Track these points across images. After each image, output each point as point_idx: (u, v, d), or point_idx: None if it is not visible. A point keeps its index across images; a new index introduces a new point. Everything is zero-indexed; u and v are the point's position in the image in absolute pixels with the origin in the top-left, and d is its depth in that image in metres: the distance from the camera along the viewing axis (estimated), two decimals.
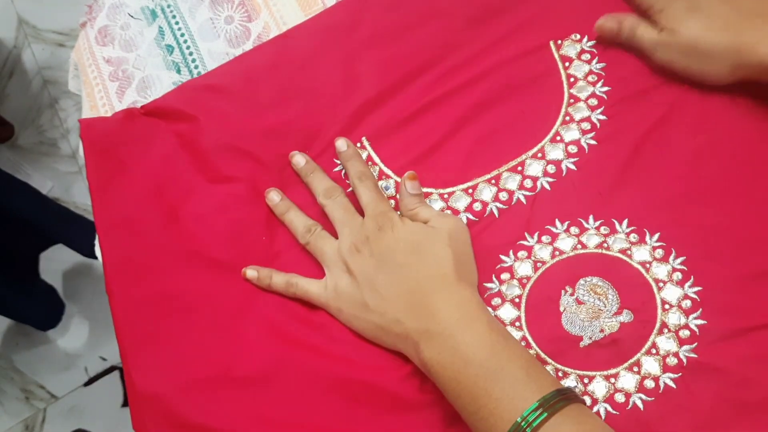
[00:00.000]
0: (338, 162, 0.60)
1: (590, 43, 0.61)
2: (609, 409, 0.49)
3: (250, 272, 0.56)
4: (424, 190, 0.58)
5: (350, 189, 0.58)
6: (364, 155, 0.60)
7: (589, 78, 0.60)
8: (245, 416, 0.52)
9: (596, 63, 0.60)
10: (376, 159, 0.60)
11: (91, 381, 1.58)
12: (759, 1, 0.53)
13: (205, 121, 0.62)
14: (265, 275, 0.56)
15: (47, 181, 1.73)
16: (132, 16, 0.72)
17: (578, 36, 0.61)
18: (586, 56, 0.61)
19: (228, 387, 0.53)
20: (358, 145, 0.60)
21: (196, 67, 0.68)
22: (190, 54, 0.69)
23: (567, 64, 0.61)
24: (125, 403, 1.53)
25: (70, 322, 1.62)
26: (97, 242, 0.62)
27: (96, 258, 0.63)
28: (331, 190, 0.57)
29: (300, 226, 0.57)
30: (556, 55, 0.61)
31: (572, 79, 0.60)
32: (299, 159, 0.60)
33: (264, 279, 0.56)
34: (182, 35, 0.70)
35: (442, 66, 0.62)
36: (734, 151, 0.55)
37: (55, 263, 1.61)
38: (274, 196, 0.59)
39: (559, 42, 0.62)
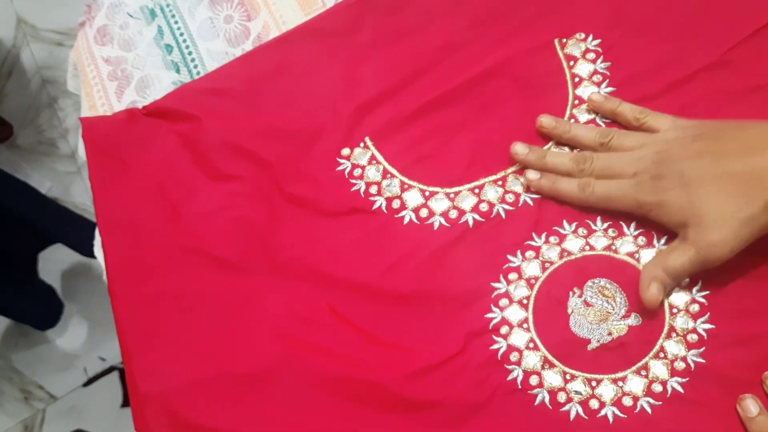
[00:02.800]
0: (341, 162, 0.60)
1: (595, 42, 0.60)
2: (616, 412, 0.49)
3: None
4: (430, 188, 0.58)
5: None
6: (368, 154, 0.60)
7: (594, 78, 0.59)
8: (248, 416, 0.52)
9: (601, 62, 0.60)
10: (380, 158, 0.59)
11: (90, 381, 1.57)
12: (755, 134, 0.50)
13: (207, 121, 0.62)
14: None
15: (46, 180, 1.73)
16: (131, 16, 0.72)
17: (583, 35, 0.61)
18: (590, 55, 0.60)
19: (231, 386, 0.53)
20: (362, 144, 0.60)
21: (196, 66, 0.68)
22: (190, 53, 0.69)
23: (572, 63, 0.60)
24: (125, 404, 1.53)
25: (69, 322, 1.61)
26: (96, 242, 0.62)
27: (95, 257, 0.63)
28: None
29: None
30: (560, 54, 0.61)
31: (577, 79, 0.60)
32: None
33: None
34: (181, 35, 0.70)
35: (445, 65, 0.62)
36: None
37: (54, 263, 1.61)
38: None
39: (564, 41, 0.61)
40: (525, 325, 0.52)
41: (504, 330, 0.52)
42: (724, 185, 0.48)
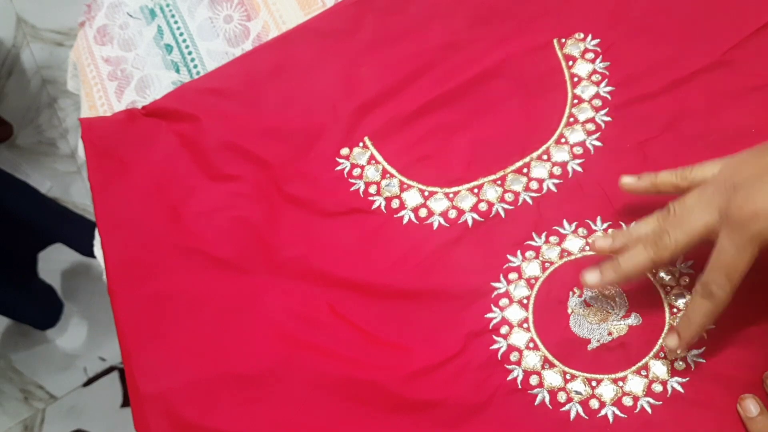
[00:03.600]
0: (340, 161, 0.60)
1: (594, 42, 0.60)
2: (617, 412, 0.48)
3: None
4: (429, 188, 0.58)
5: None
6: (367, 154, 0.60)
7: (593, 77, 0.59)
8: (248, 416, 0.52)
9: (600, 62, 0.60)
10: (379, 158, 0.59)
11: (90, 381, 1.57)
12: None
13: (207, 121, 0.62)
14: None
15: (46, 180, 1.72)
16: (131, 16, 0.72)
17: (582, 35, 0.61)
18: (589, 55, 0.60)
19: (231, 387, 0.53)
20: (361, 144, 0.60)
21: (195, 66, 0.68)
22: (189, 53, 0.69)
23: (570, 63, 0.60)
24: (124, 404, 1.53)
25: (69, 322, 1.61)
26: (95, 242, 0.62)
27: (95, 257, 0.63)
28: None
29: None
30: (559, 54, 0.61)
31: (576, 79, 0.60)
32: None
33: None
34: (181, 34, 0.70)
35: (444, 66, 0.62)
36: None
37: (54, 263, 1.61)
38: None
39: (563, 41, 0.61)
40: (525, 325, 0.52)
41: (504, 330, 0.52)
42: None
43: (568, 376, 0.50)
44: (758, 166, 0.45)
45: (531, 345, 0.51)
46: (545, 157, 0.57)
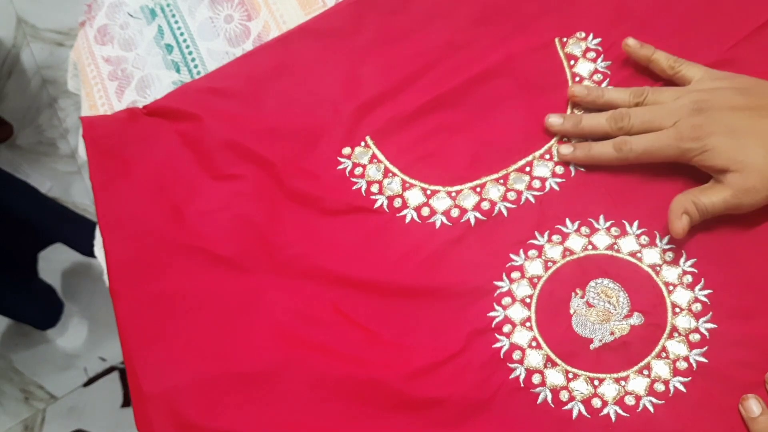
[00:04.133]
0: (342, 161, 0.60)
1: (595, 41, 0.60)
2: (619, 411, 0.48)
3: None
4: (431, 187, 0.57)
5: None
6: (369, 153, 0.60)
7: (595, 77, 0.59)
8: (251, 415, 0.52)
9: (602, 61, 0.60)
10: (381, 157, 0.59)
11: (90, 381, 1.57)
12: None
13: (208, 120, 0.62)
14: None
15: (46, 180, 1.72)
16: (131, 15, 0.71)
17: (583, 34, 0.61)
18: (591, 54, 0.60)
19: (234, 386, 0.53)
20: (363, 143, 0.60)
21: (196, 66, 0.68)
22: (190, 53, 0.68)
23: (572, 62, 0.60)
24: (125, 404, 1.53)
25: (69, 322, 1.61)
26: (96, 241, 0.62)
27: (95, 257, 0.63)
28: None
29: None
30: (561, 54, 0.61)
31: (577, 78, 0.60)
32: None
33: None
34: (182, 34, 0.70)
35: (446, 65, 0.62)
36: None
37: (54, 263, 1.61)
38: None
39: (564, 40, 0.61)
40: (528, 324, 0.52)
41: (507, 328, 0.52)
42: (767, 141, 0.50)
43: (570, 375, 0.50)
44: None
45: (533, 344, 0.51)
46: (548, 156, 0.57)
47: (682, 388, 0.49)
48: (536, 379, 0.50)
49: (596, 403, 0.49)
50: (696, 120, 0.51)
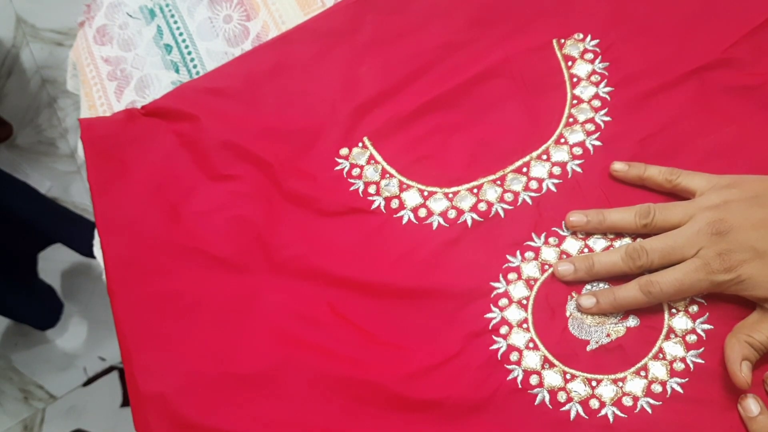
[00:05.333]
0: (339, 161, 0.60)
1: (593, 43, 0.60)
2: (617, 412, 0.48)
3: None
4: (429, 188, 0.57)
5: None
6: (366, 154, 0.60)
7: (592, 78, 0.59)
8: (248, 416, 0.52)
9: (599, 62, 0.60)
10: (379, 158, 0.59)
11: (90, 381, 1.57)
12: None
13: (206, 121, 0.62)
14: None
15: (46, 180, 1.72)
16: (130, 16, 0.71)
17: (581, 35, 0.61)
18: (589, 55, 0.60)
19: (231, 386, 0.53)
20: (360, 144, 0.60)
21: (195, 66, 0.68)
22: (189, 53, 0.69)
23: (570, 63, 0.60)
24: (124, 404, 1.53)
25: (69, 322, 1.61)
26: (95, 242, 0.62)
27: (95, 257, 0.63)
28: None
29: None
30: (558, 55, 0.61)
31: (575, 79, 0.60)
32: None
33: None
34: (181, 34, 0.70)
35: (443, 66, 0.62)
36: (744, 151, 0.54)
37: (54, 263, 1.61)
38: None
39: (562, 41, 0.61)
40: (525, 325, 0.52)
41: (504, 330, 0.52)
42: None
43: (568, 376, 0.50)
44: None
45: (531, 345, 0.51)
46: (545, 156, 0.57)
47: (679, 389, 0.48)
48: (534, 380, 0.50)
49: (594, 404, 0.49)
50: (720, 247, 0.48)
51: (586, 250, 0.54)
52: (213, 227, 0.59)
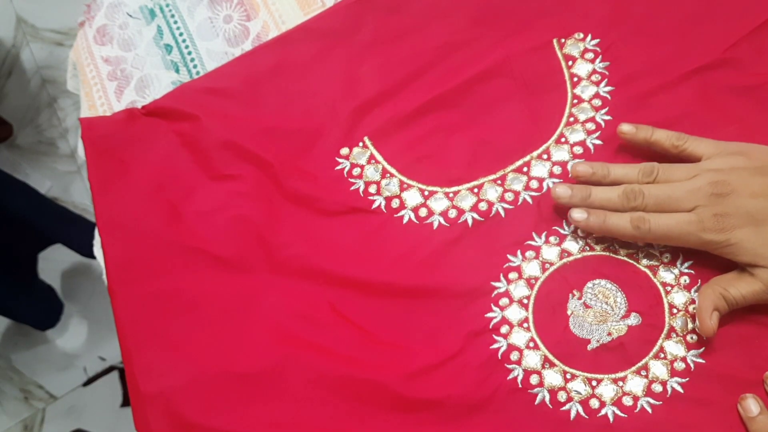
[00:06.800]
0: (340, 161, 0.60)
1: (594, 42, 0.60)
2: (617, 412, 0.48)
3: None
4: (429, 188, 0.57)
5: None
6: (367, 154, 0.60)
7: (593, 77, 0.59)
8: (248, 415, 0.52)
9: (600, 62, 0.60)
10: (379, 158, 0.59)
11: (90, 381, 1.57)
12: None
13: (207, 120, 0.62)
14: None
15: (46, 180, 1.72)
16: (131, 16, 0.71)
17: (581, 35, 0.61)
18: (589, 55, 0.60)
19: (232, 386, 0.53)
20: (361, 144, 0.60)
21: (195, 66, 0.68)
22: (189, 53, 0.68)
23: (570, 63, 0.60)
24: (124, 403, 1.53)
25: (69, 322, 1.61)
26: (95, 242, 0.62)
27: (95, 258, 0.63)
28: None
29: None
30: (559, 54, 0.61)
31: (575, 79, 0.60)
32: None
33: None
34: (181, 34, 0.70)
35: (444, 65, 0.62)
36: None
37: (54, 263, 1.61)
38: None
39: (563, 40, 0.61)
40: (525, 325, 0.52)
41: (504, 329, 0.52)
42: None
43: (568, 376, 0.50)
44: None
45: (531, 344, 0.51)
46: (545, 156, 0.57)
47: (679, 388, 0.49)
48: (534, 379, 0.50)
49: (594, 403, 0.49)
50: (717, 208, 0.48)
51: (587, 248, 0.54)
52: (214, 227, 0.59)
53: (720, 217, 0.48)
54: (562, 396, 0.50)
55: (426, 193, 0.58)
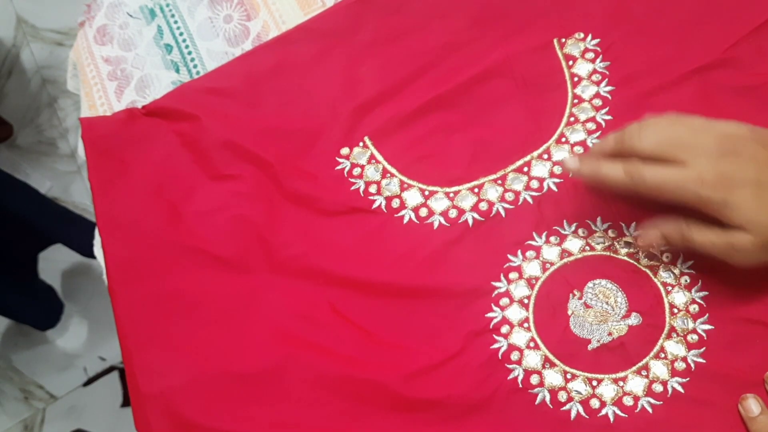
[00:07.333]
0: (340, 161, 0.60)
1: (594, 42, 0.60)
2: (617, 411, 0.48)
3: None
4: (429, 188, 0.57)
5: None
6: (367, 154, 0.60)
7: (593, 77, 0.59)
8: (249, 415, 0.52)
9: (600, 62, 0.60)
10: (380, 157, 0.59)
11: (90, 381, 1.57)
12: None
13: (207, 120, 0.62)
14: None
15: (46, 180, 1.72)
16: (131, 16, 0.71)
17: (582, 35, 0.61)
18: (590, 55, 0.60)
19: (232, 386, 0.53)
20: (361, 144, 0.60)
21: (195, 66, 0.68)
22: (189, 53, 0.68)
23: (571, 62, 0.60)
24: (124, 403, 1.53)
25: (69, 322, 1.61)
26: (95, 242, 0.62)
27: (95, 258, 0.63)
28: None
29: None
30: (559, 54, 0.61)
31: (576, 78, 0.60)
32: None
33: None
34: (181, 34, 0.70)
35: (444, 65, 0.62)
36: None
37: (54, 263, 1.61)
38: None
39: (563, 40, 0.61)
40: (525, 325, 0.52)
41: (505, 329, 0.52)
42: None
43: (568, 376, 0.50)
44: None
45: (531, 344, 0.51)
46: (546, 156, 0.57)
47: (680, 388, 0.49)
48: (534, 379, 0.50)
49: (594, 403, 0.49)
50: (723, 166, 0.46)
51: (587, 248, 0.54)
52: (214, 227, 0.59)
53: (725, 175, 0.45)
54: (562, 396, 0.50)
55: (426, 192, 0.58)
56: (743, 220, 0.45)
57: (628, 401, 0.49)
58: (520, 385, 0.50)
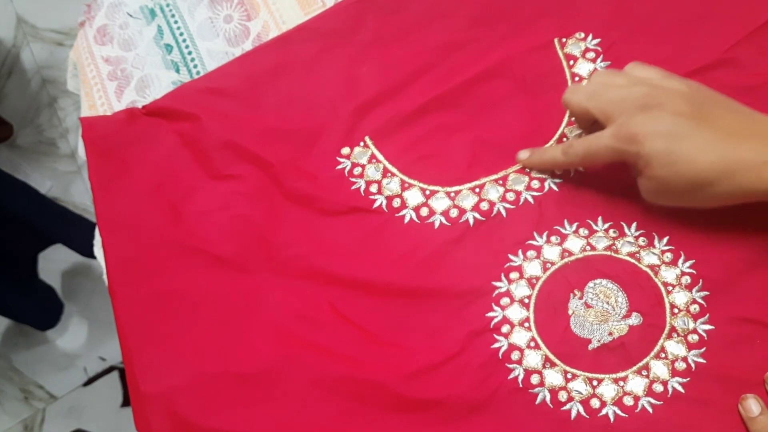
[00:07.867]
0: (341, 161, 0.60)
1: (595, 42, 0.60)
2: (618, 411, 0.48)
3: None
4: (430, 187, 0.57)
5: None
6: (368, 153, 0.60)
7: None
8: (249, 415, 0.52)
9: (601, 61, 0.60)
10: (380, 157, 0.59)
11: (90, 381, 1.57)
12: (743, 122, 0.48)
13: (207, 120, 0.62)
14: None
15: (46, 180, 1.73)
16: (131, 16, 0.71)
17: (582, 34, 0.61)
18: (590, 55, 0.60)
19: (232, 386, 0.53)
20: (362, 143, 0.60)
21: (195, 66, 0.68)
22: (189, 53, 0.69)
23: (571, 62, 0.60)
24: (125, 403, 1.53)
25: (69, 322, 1.62)
26: (96, 242, 0.62)
27: (95, 258, 0.63)
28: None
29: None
30: (560, 54, 0.61)
31: (577, 78, 0.60)
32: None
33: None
34: (181, 34, 0.70)
35: (445, 65, 0.62)
36: None
37: (54, 263, 1.61)
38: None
39: (564, 40, 0.61)
40: (526, 324, 0.52)
41: (505, 329, 0.52)
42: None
43: (569, 376, 0.50)
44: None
45: (532, 344, 0.51)
46: None
47: (680, 388, 0.48)
48: (535, 379, 0.50)
49: (595, 403, 0.49)
50: (638, 120, 0.47)
51: (588, 248, 0.54)
52: (214, 227, 0.59)
53: (639, 125, 0.47)
54: (562, 396, 0.50)
55: (427, 192, 0.58)
56: (658, 169, 0.47)
57: (628, 401, 0.49)
58: (521, 385, 0.50)
